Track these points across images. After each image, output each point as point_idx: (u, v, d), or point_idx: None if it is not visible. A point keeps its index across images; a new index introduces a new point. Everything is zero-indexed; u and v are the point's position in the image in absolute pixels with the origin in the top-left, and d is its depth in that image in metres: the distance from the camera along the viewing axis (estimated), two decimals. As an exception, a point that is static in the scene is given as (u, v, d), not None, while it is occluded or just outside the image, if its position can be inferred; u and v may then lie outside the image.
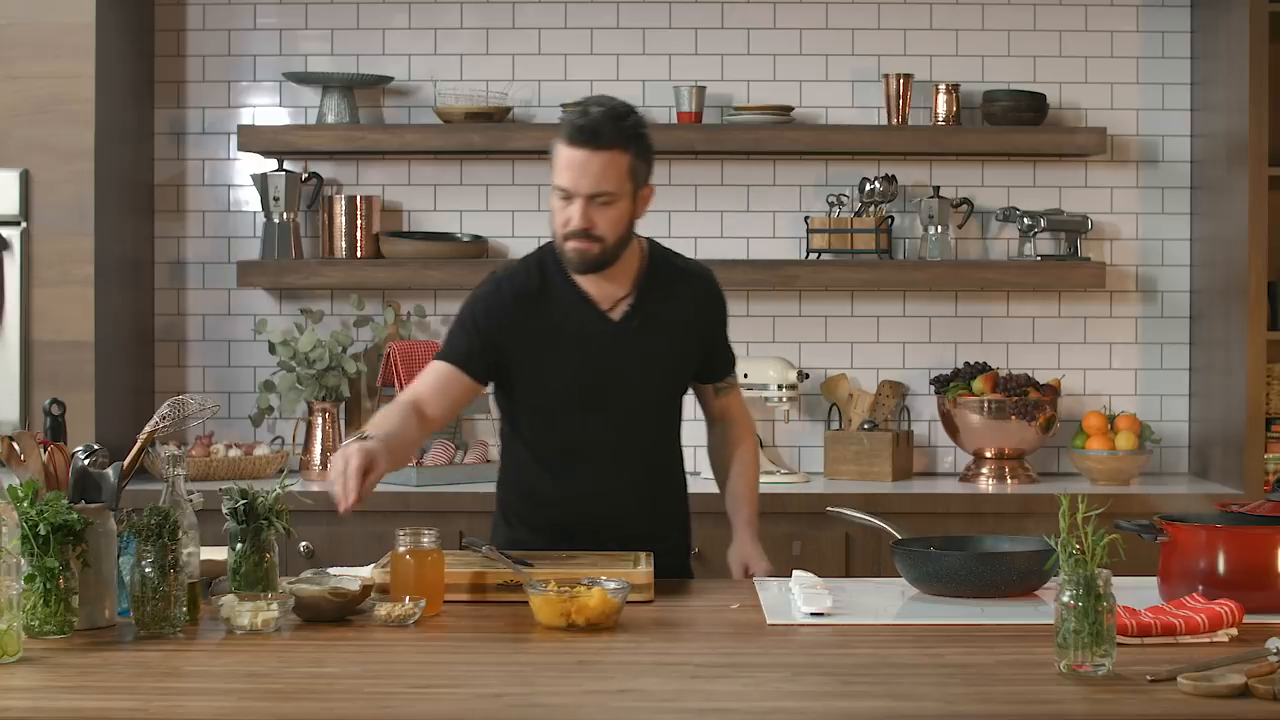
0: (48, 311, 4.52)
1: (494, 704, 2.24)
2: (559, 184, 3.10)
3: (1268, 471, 4.57)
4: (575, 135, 3.07)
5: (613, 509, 3.28)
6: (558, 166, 3.10)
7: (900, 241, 4.99)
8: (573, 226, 3.10)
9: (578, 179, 3.07)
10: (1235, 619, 2.62)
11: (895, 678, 2.38)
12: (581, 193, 3.08)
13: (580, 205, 3.08)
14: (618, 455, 3.28)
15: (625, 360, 3.22)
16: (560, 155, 3.10)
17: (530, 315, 3.21)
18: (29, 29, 4.51)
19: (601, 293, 3.22)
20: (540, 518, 3.31)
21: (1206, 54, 4.86)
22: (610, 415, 3.25)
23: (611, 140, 3.08)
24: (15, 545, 2.49)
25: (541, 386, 3.24)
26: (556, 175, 3.10)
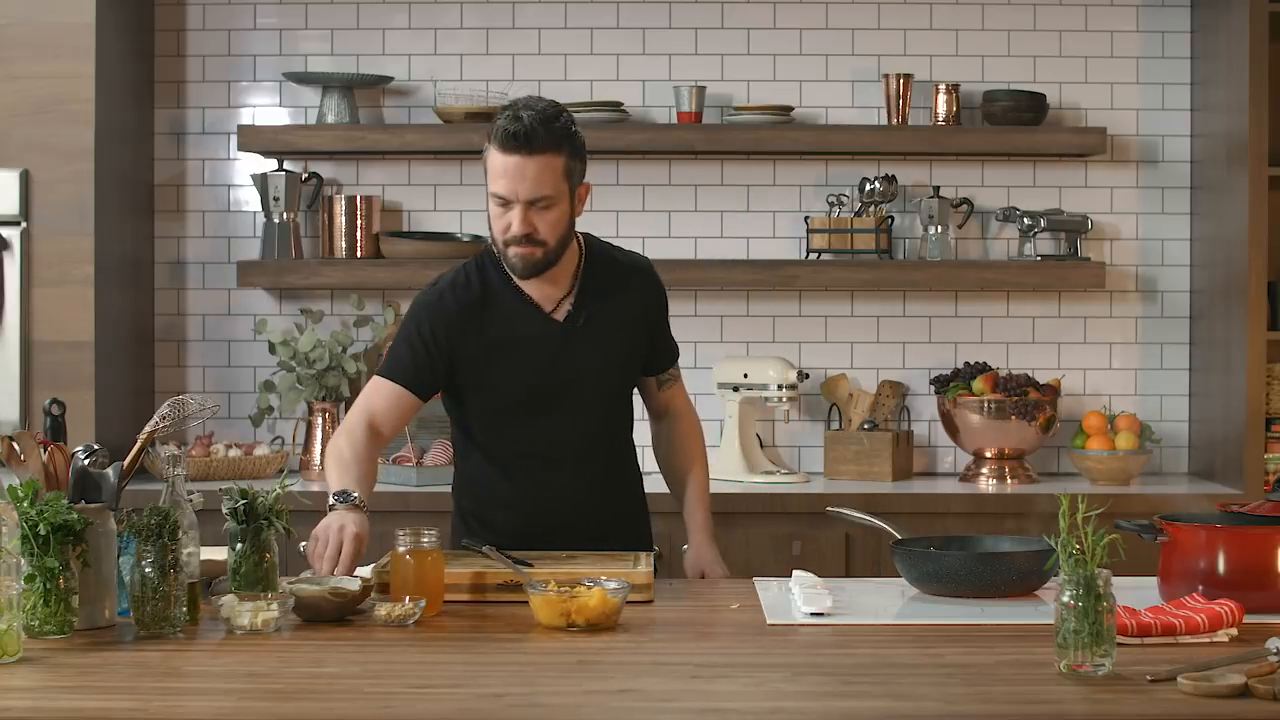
0: (48, 311, 4.52)
1: (494, 704, 2.24)
2: (496, 191, 3.08)
3: (1268, 471, 4.57)
4: (508, 141, 3.04)
5: (571, 510, 3.28)
6: (493, 173, 3.08)
7: (900, 241, 4.99)
8: (513, 233, 3.08)
9: (515, 185, 3.05)
10: (1235, 619, 2.62)
11: (895, 678, 2.38)
12: (520, 198, 3.06)
13: (520, 211, 3.07)
14: (572, 456, 3.28)
15: (572, 360, 3.22)
16: (494, 162, 3.07)
17: (475, 324, 3.19)
18: (29, 29, 4.51)
19: (543, 294, 3.21)
20: (499, 520, 3.29)
21: (1206, 54, 4.86)
22: (562, 416, 3.25)
23: (545, 144, 3.05)
24: (15, 545, 2.49)
25: (492, 392, 3.23)
26: (492, 182, 3.08)
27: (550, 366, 3.21)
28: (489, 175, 3.09)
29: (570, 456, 3.28)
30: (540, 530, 3.24)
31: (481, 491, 3.34)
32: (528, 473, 3.28)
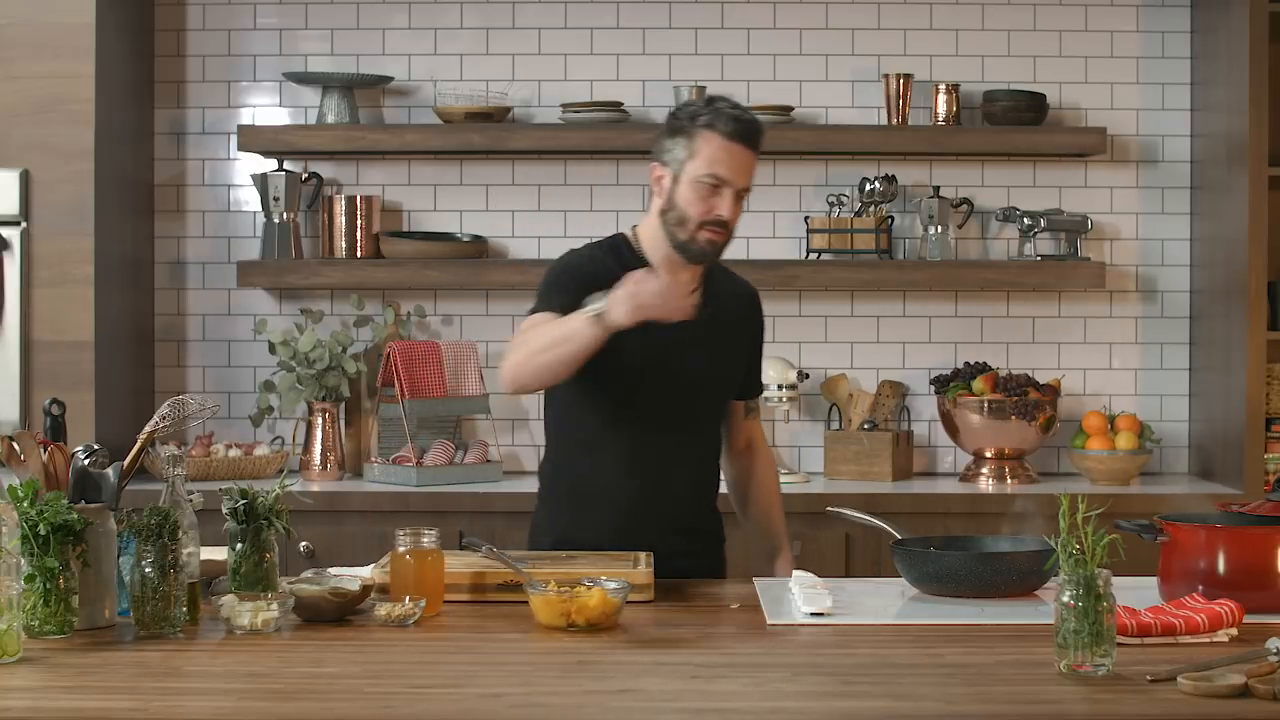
0: (48, 311, 4.52)
1: (494, 704, 2.24)
2: (716, 172, 3.17)
3: (1268, 471, 4.57)
4: (741, 131, 3.19)
5: (673, 497, 3.32)
6: (711, 157, 3.17)
7: (900, 241, 4.99)
8: (720, 213, 3.19)
9: (736, 172, 3.19)
10: (1235, 619, 2.62)
11: (895, 678, 2.38)
12: (737, 185, 3.20)
13: (729, 196, 3.19)
14: (680, 442, 3.32)
15: (692, 348, 3.28)
16: (716, 146, 3.18)
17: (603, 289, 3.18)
18: (29, 29, 4.51)
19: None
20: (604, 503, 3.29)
21: (1206, 54, 4.86)
22: (677, 401, 3.29)
23: (760, 143, 3.24)
24: (15, 545, 2.49)
25: (611, 372, 3.22)
26: (708, 165, 3.17)
27: (673, 348, 3.24)
28: (701, 158, 3.17)
29: (678, 442, 3.31)
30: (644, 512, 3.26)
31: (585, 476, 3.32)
32: (637, 456, 3.27)
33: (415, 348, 4.77)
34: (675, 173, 3.21)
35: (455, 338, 4.98)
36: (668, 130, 3.24)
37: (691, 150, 3.19)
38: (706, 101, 3.24)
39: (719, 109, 3.20)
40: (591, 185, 4.99)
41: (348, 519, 4.46)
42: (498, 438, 4.92)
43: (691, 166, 3.19)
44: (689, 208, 3.20)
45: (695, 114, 3.21)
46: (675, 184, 3.21)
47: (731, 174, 3.18)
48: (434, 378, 4.77)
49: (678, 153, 3.21)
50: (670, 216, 3.23)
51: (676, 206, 3.21)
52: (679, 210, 3.21)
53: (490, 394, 4.88)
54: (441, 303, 5.00)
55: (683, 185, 3.20)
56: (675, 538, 3.28)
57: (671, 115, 3.27)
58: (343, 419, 4.87)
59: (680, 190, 3.20)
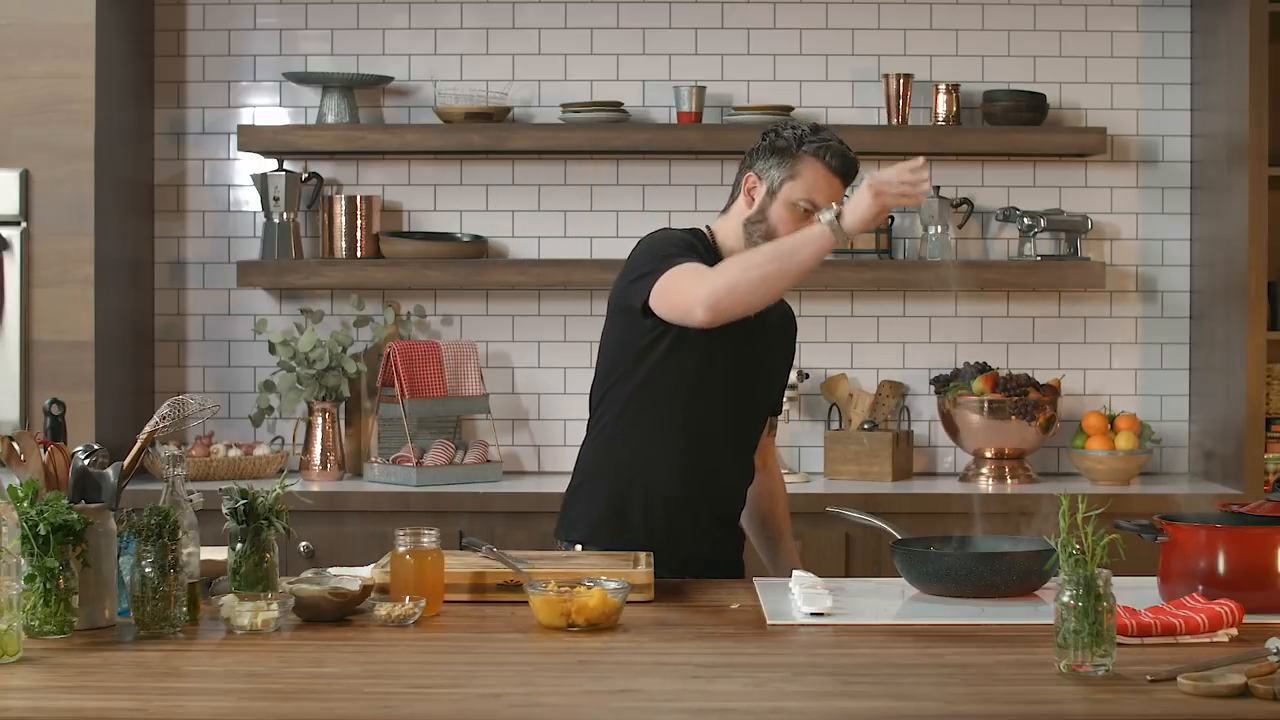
0: (48, 311, 4.52)
1: (494, 704, 2.24)
2: (812, 198, 3.24)
3: (1268, 471, 4.57)
4: (843, 165, 3.28)
5: (719, 491, 3.38)
6: (813, 183, 3.25)
7: (900, 241, 4.99)
8: None
9: (830, 202, 3.24)
10: (1235, 619, 2.62)
11: (895, 678, 2.38)
12: None
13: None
14: (730, 441, 3.37)
15: (753, 354, 3.36)
16: (820, 174, 3.26)
17: None
18: (29, 29, 4.51)
19: None
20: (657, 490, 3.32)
21: (1206, 54, 4.86)
22: (731, 402, 3.34)
23: (853, 180, 3.31)
24: (15, 545, 2.49)
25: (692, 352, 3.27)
26: (809, 190, 3.24)
27: (739, 350, 3.32)
28: (803, 181, 3.25)
29: (728, 441, 3.36)
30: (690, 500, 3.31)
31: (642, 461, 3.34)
32: (689, 450, 3.31)
33: (415, 348, 4.77)
34: (771, 188, 3.28)
35: (455, 338, 4.98)
36: (771, 146, 3.30)
37: (794, 172, 3.27)
38: (813, 129, 3.31)
39: (827, 141, 3.28)
40: (591, 185, 4.99)
41: (348, 519, 4.46)
42: (498, 438, 4.92)
43: (790, 187, 3.26)
44: (780, 225, 3.26)
45: (803, 138, 3.28)
46: (770, 199, 3.28)
47: (825, 203, 3.24)
48: (434, 378, 4.77)
49: (778, 171, 3.28)
50: (758, 228, 3.28)
51: (768, 220, 3.28)
52: (769, 224, 3.27)
53: (490, 394, 4.88)
54: (441, 303, 5.01)
55: (778, 202, 3.27)
56: (713, 532, 3.37)
57: (775, 133, 3.31)
58: (343, 419, 4.87)
59: (774, 206, 3.28)
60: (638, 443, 3.35)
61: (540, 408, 4.99)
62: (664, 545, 3.24)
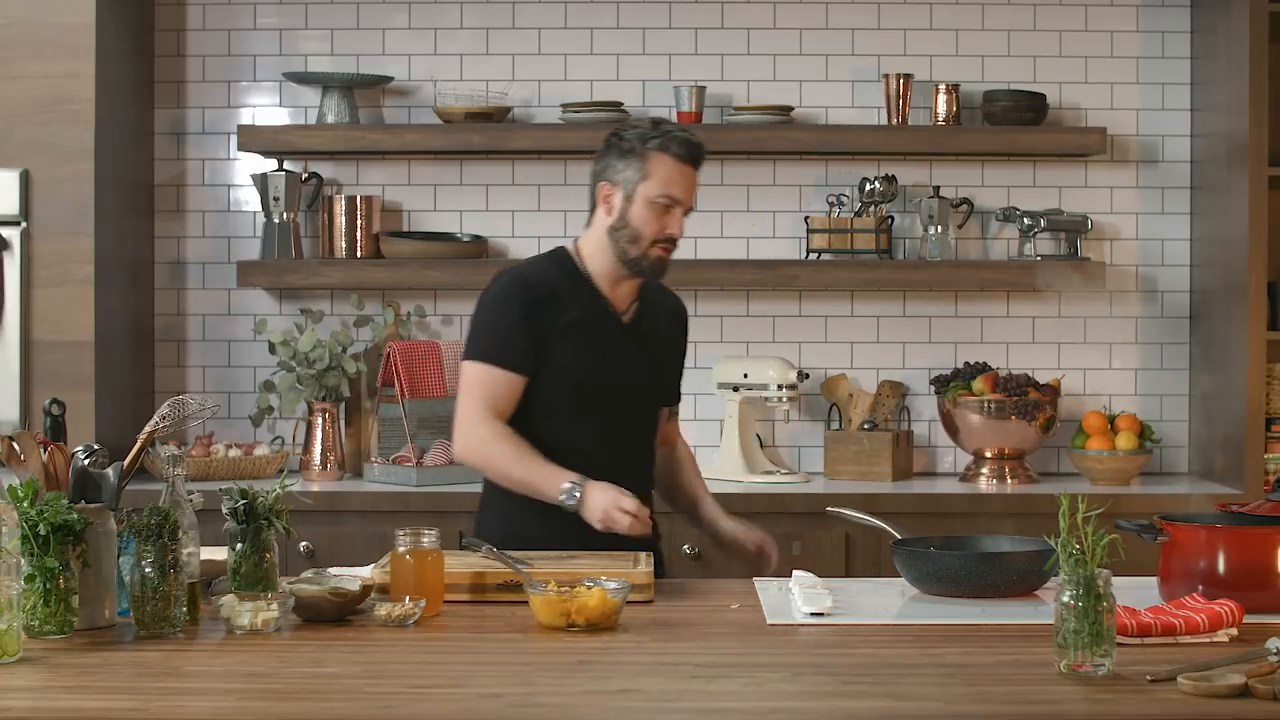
0: (48, 311, 4.52)
1: (494, 704, 2.24)
2: (669, 193, 3.34)
3: (1268, 471, 4.57)
4: (690, 152, 3.36)
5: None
6: (664, 178, 3.34)
7: (900, 241, 4.99)
8: (671, 232, 3.36)
9: (686, 191, 3.38)
10: (1235, 619, 2.62)
11: (895, 678, 2.38)
12: (686, 204, 3.38)
13: (679, 215, 3.37)
14: (618, 452, 3.39)
15: (632, 359, 3.41)
16: (668, 167, 3.35)
17: (552, 310, 3.36)
18: (29, 29, 4.51)
19: (616, 296, 3.42)
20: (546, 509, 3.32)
21: (1206, 54, 4.86)
22: (615, 411, 3.39)
23: (703, 162, 3.42)
24: (15, 545, 2.49)
25: (558, 380, 3.36)
26: (662, 185, 3.34)
27: (614, 360, 3.39)
28: (656, 179, 3.34)
29: (616, 452, 3.39)
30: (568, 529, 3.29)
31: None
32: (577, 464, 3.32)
33: (415, 348, 4.77)
34: (627, 192, 3.35)
35: (455, 338, 4.98)
36: (616, 150, 3.38)
37: (644, 171, 3.34)
38: (652, 124, 3.40)
39: (669, 132, 3.37)
40: (591, 185, 4.98)
41: (348, 519, 4.46)
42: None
43: (645, 187, 3.34)
44: (643, 226, 3.35)
45: (646, 136, 3.36)
46: (628, 203, 3.36)
47: (683, 194, 3.36)
48: (434, 378, 4.77)
49: (629, 173, 3.35)
50: (622, 234, 3.36)
51: (630, 224, 3.36)
52: (632, 228, 3.35)
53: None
54: (441, 303, 5.00)
55: (636, 204, 3.35)
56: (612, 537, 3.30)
57: (618, 137, 3.40)
58: (343, 419, 4.87)
59: (634, 209, 3.35)
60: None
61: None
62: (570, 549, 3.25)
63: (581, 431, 3.36)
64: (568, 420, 3.36)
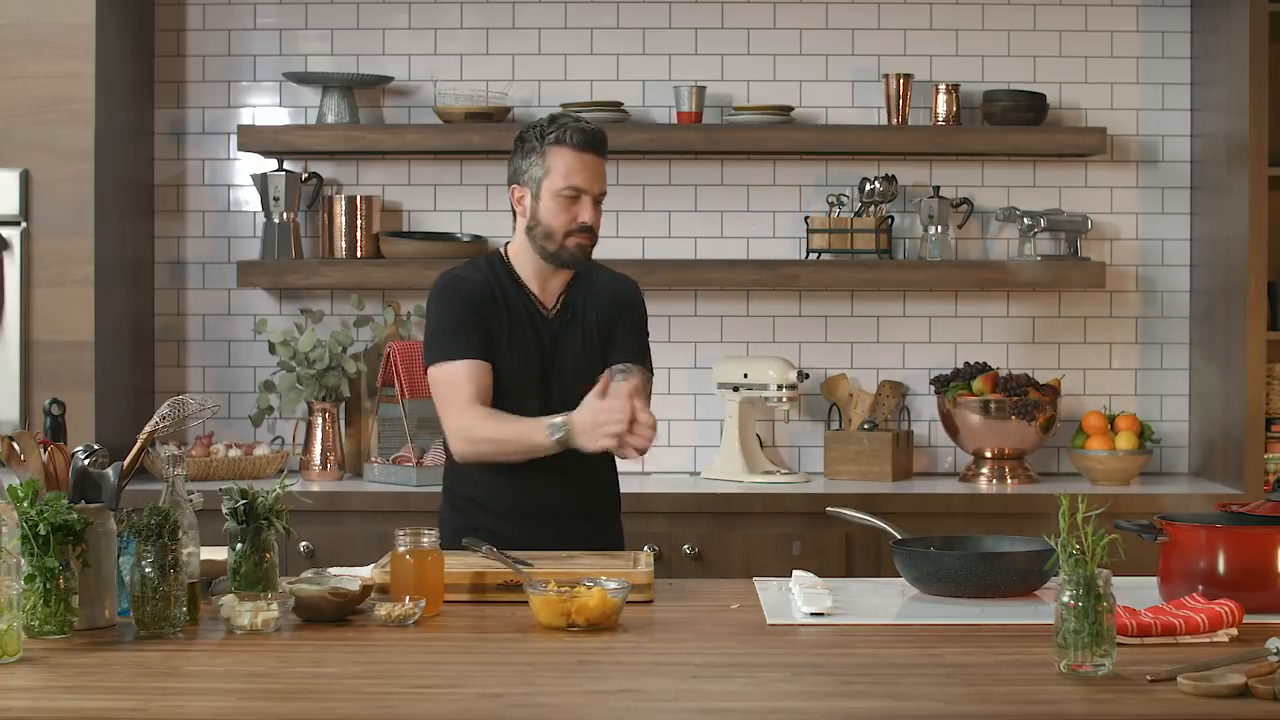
0: (48, 311, 4.52)
1: (494, 704, 2.24)
2: (573, 184, 3.40)
3: (1268, 471, 4.57)
4: (587, 142, 3.41)
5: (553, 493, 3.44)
6: (566, 170, 3.41)
7: (900, 241, 4.99)
8: (584, 220, 3.42)
9: (591, 180, 3.43)
10: (1235, 619, 2.62)
11: (895, 678, 2.38)
12: (593, 192, 3.43)
13: (588, 203, 3.42)
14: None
15: (558, 351, 3.47)
16: (568, 159, 3.41)
17: (491, 305, 3.45)
18: (29, 29, 4.51)
19: (544, 292, 3.49)
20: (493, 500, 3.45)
21: (1206, 54, 4.86)
22: (555, 402, 3.41)
23: (605, 148, 3.47)
24: (15, 545, 2.49)
25: (499, 378, 3.44)
26: (565, 178, 3.41)
27: (541, 355, 3.46)
28: (557, 172, 3.40)
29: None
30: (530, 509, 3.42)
31: (475, 476, 3.48)
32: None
33: (415, 348, 4.77)
34: (534, 191, 3.42)
35: (455, 338, 4.98)
36: (520, 152, 3.45)
37: (546, 167, 3.41)
38: (550, 119, 3.45)
39: (564, 124, 3.42)
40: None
41: (348, 519, 4.46)
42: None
43: (549, 182, 3.41)
44: (553, 220, 3.42)
45: (543, 132, 3.42)
46: (536, 201, 3.42)
47: (587, 182, 3.41)
48: (434, 378, 4.76)
49: (534, 171, 3.42)
50: (537, 232, 3.44)
51: (541, 221, 3.43)
52: (544, 225, 3.42)
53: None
54: (441, 303, 5.00)
55: (544, 201, 3.42)
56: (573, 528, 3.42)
57: (519, 138, 3.47)
58: (343, 419, 4.87)
59: (542, 206, 3.42)
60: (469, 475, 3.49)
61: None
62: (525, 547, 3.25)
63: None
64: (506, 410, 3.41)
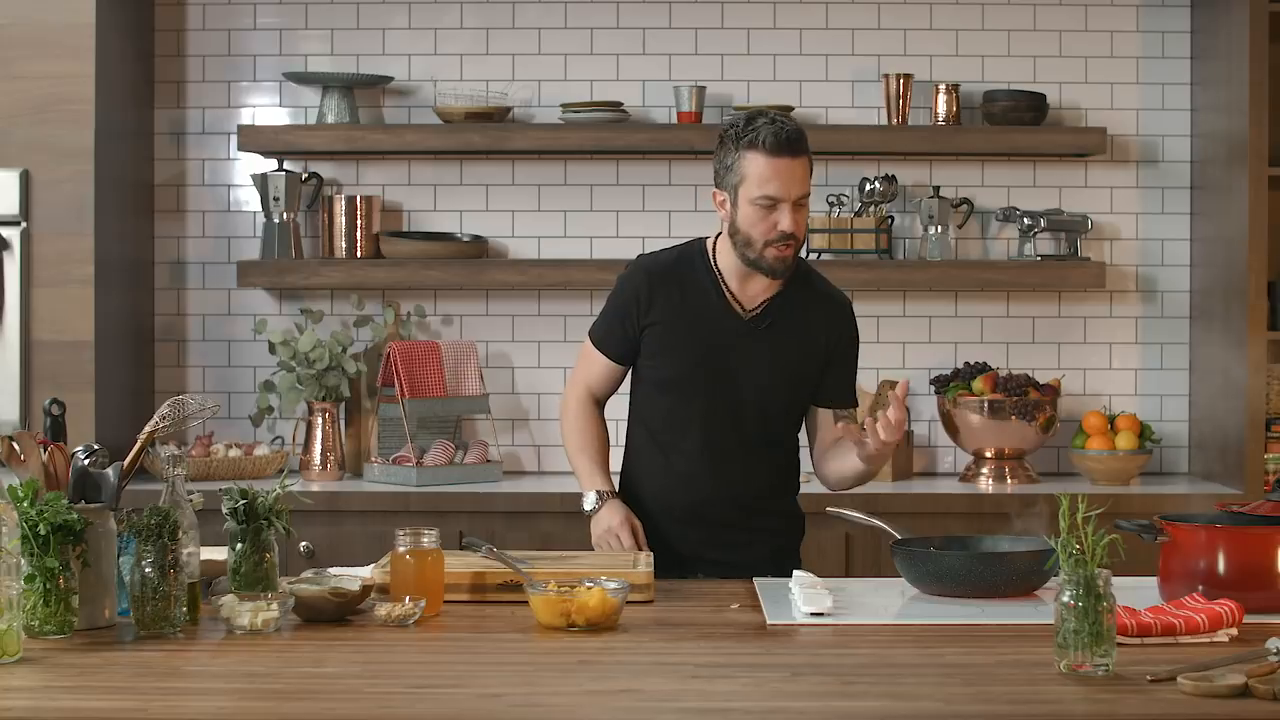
0: (48, 311, 4.52)
1: (494, 704, 2.24)
2: (768, 193, 3.23)
3: (1268, 471, 4.57)
4: (782, 145, 3.22)
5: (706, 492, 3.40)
6: (760, 177, 3.23)
7: (900, 241, 4.99)
8: (784, 229, 3.25)
9: (788, 185, 3.23)
10: (1235, 619, 2.62)
11: (895, 678, 2.38)
12: (792, 197, 3.24)
13: (789, 210, 3.25)
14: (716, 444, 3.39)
15: (741, 354, 3.36)
16: (762, 166, 3.23)
17: (667, 291, 3.37)
18: (29, 29, 4.51)
19: (745, 293, 3.38)
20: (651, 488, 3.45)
21: (1206, 54, 4.86)
22: (712, 401, 3.37)
23: (806, 147, 3.27)
24: (15, 545, 2.49)
25: (666, 363, 3.39)
26: (760, 185, 3.23)
27: (724, 353, 3.36)
28: (751, 180, 3.24)
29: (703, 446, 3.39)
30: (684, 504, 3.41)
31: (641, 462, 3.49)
32: (678, 449, 3.40)
33: (415, 348, 4.77)
34: (731, 197, 3.29)
35: (455, 338, 4.98)
36: (719, 152, 3.31)
37: (741, 174, 3.26)
38: (747, 119, 3.28)
39: (757, 126, 3.25)
40: (591, 185, 4.99)
41: (348, 519, 4.46)
42: (498, 438, 4.92)
43: (744, 190, 3.26)
44: (751, 229, 3.28)
45: (738, 134, 3.26)
46: (734, 208, 3.29)
47: (783, 190, 3.23)
48: (434, 378, 4.77)
49: (730, 177, 3.28)
50: (737, 239, 3.31)
51: (740, 229, 3.30)
52: (743, 233, 3.29)
53: (490, 394, 4.88)
54: (441, 303, 5.00)
55: (741, 208, 3.28)
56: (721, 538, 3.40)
57: (720, 137, 3.32)
58: (343, 419, 4.87)
59: (740, 213, 3.29)
60: (631, 449, 3.51)
61: (540, 408, 4.99)
62: (667, 553, 3.31)
63: (684, 417, 3.39)
64: (673, 405, 3.39)
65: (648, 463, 3.46)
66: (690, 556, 3.34)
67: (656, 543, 3.36)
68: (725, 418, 3.38)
